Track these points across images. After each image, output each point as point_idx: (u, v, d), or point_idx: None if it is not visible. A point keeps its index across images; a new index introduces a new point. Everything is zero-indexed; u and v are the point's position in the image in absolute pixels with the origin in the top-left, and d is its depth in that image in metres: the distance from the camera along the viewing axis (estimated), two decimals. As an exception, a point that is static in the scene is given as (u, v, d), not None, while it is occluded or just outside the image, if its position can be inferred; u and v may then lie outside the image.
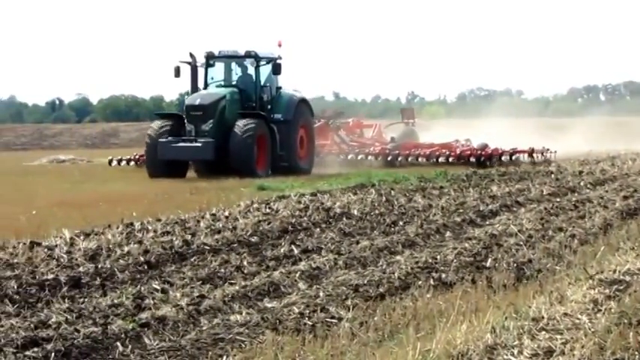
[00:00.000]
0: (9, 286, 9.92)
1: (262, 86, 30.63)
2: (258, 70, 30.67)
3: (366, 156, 34.27)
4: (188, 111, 29.25)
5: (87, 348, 7.63)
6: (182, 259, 11.90)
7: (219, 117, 29.08)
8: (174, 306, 9.03)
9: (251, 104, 30.21)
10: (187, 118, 29.18)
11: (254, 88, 30.45)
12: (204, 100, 29.37)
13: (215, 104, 29.25)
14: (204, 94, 29.94)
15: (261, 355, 7.37)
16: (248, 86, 30.58)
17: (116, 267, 11.10)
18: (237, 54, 30.87)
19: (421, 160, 33.41)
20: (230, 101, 29.68)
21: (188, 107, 29.39)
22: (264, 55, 30.72)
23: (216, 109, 29.15)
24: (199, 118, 28.95)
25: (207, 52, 30.77)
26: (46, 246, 12.52)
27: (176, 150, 28.76)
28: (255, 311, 9.02)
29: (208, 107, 29.08)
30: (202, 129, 28.85)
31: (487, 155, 33.09)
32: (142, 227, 14.43)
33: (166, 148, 28.76)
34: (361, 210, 17.01)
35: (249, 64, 30.82)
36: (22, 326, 8.14)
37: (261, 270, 11.17)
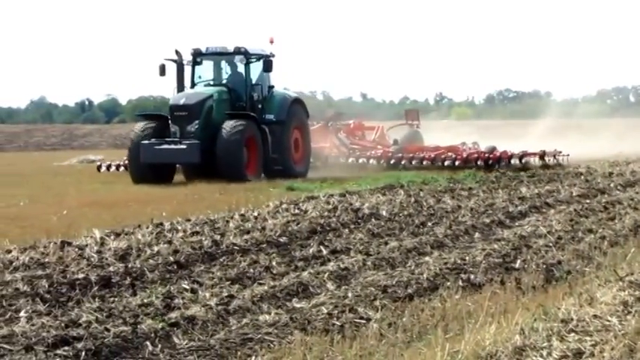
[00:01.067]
0: (40, 285, 9.99)
1: (253, 85, 28.80)
2: (249, 68, 28.83)
3: (368, 159, 32.77)
4: (172, 111, 27.46)
5: (117, 347, 7.68)
6: (211, 259, 11.94)
7: (205, 118, 27.34)
8: (203, 306, 9.07)
9: (241, 104, 28.46)
10: (172, 119, 27.38)
11: (244, 87, 28.71)
12: (189, 99, 27.54)
13: (201, 104, 27.46)
14: (190, 93, 28.17)
15: (290, 355, 7.39)
16: (238, 85, 28.82)
17: (146, 267, 11.15)
18: (226, 50, 28.92)
19: (426, 164, 31.55)
20: (218, 101, 27.93)
21: (172, 107, 27.56)
22: (254, 52, 28.83)
23: (203, 110, 27.39)
24: (184, 119, 27.20)
25: (193, 48, 28.92)
26: (77, 245, 12.60)
27: (159, 153, 26.80)
28: (283, 311, 9.05)
29: (193, 107, 27.29)
30: (187, 130, 27.09)
31: (495, 158, 31.33)
32: (171, 227, 14.49)
33: (149, 150, 26.84)
34: (390, 211, 17.00)
35: (238, 62, 28.98)
36: (52, 325, 8.19)
37: (289, 270, 11.20)
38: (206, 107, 27.41)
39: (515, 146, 33.08)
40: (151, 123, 27.67)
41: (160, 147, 26.77)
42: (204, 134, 26.91)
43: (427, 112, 56.35)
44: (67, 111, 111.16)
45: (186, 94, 27.99)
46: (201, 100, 27.47)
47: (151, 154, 26.76)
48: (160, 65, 28.63)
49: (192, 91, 28.28)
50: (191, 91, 28.28)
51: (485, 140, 35.73)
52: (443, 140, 35.13)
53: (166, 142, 26.88)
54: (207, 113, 27.35)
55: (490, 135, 38.27)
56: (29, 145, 73.19)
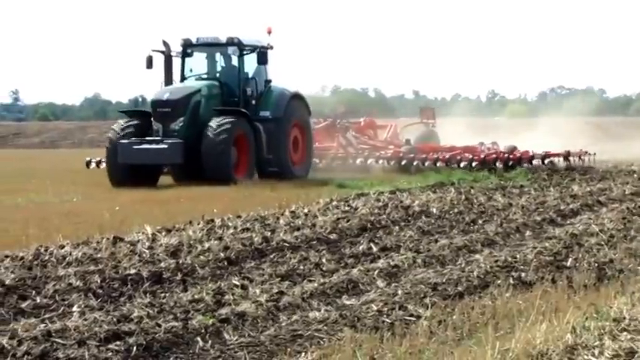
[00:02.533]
0: (93, 280, 10.09)
1: (247, 79, 26.58)
2: (242, 60, 26.59)
3: (377, 160, 29.85)
4: (155, 108, 25.18)
5: (168, 342, 7.73)
6: (261, 256, 11.98)
7: (191, 114, 25.03)
8: (253, 302, 9.11)
9: (234, 100, 26.30)
10: (154, 116, 25.06)
11: (237, 81, 26.48)
12: (173, 94, 25.24)
13: (186, 99, 25.17)
14: (175, 87, 25.95)
15: (340, 352, 7.40)
16: (231, 79, 26.58)
17: (197, 263, 11.22)
18: (217, 41, 26.65)
19: (440, 165, 28.82)
20: (207, 96, 25.66)
21: (154, 103, 25.31)
22: (248, 43, 26.59)
23: (188, 106, 25.10)
24: (167, 116, 24.89)
25: (183, 39, 26.74)
26: (129, 241, 12.71)
27: (138, 153, 24.36)
28: (333, 308, 9.06)
29: (178, 103, 24.98)
30: (171, 128, 24.80)
31: (515, 159, 29.27)
32: (222, 224, 14.57)
33: (127, 150, 24.46)
34: (440, 208, 16.97)
35: (232, 54, 26.67)
36: (105, 320, 8.27)
37: (339, 267, 11.21)
38: (192, 103, 25.25)
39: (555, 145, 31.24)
40: (133, 120, 25.43)
41: (139, 147, 24.43)
42: (190, 133, 24.76)
43: (479, 110, 55.98)
44: (120, 108, 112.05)
45: (171, 88, 25.93)
46: (186, 95, 25.31)
47: (129, 155, 24.43)
48: (147, 57, 26.48)
49: (177, 86, 26.19)
50: (176, 86, 26.19)
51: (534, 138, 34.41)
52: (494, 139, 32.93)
53: (146, 141, 24.59)
54: (194, 110, 25.21)
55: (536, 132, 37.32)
56: (83, 141, 73.81)
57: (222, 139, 24.41)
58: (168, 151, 24.35)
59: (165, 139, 24.53)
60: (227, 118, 24.89)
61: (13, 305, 9.02)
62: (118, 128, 25.19)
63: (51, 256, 11.56)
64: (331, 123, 32.46)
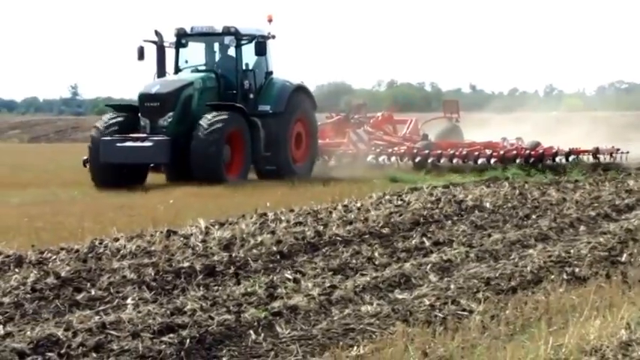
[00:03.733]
0: (146, 272, 10.18)
1: (245, 71, 24.73)
2: (240, 51, 24.71)
3: (389, 157, 27.78)
4: (142, 102, 23.37)
5: (220, 335, 7.77)
6: (314, 250, 12.01)
7: (182, 109, 23.25)
8: (305, 295, 9.13)
9: (232, 93, 24.41)
10: (141, 111, 23.22)
11: (235, 74, 24.65)
12: (162, 87, 23.45)
13: (176, 93, 23.30)
14: (164, 80, 24.15)
15: (392, 346, 7.40)
16: (228, 71, 24.73)
17: (249, 256, 11.27)
18: (213, 31, 24.83)
19: (456, 163, 26.70)
20: (201, 90, 23.84)
21: (142, 97, 23.46)
22: (246, 32, 24.74)
23: (179, 100, 23.23)
24: (155, 111, 23.03)
25: (177, 28, 24.92)
26: (183, 234, 12.80)
27: (121, 151, 22.44)
28: (385, 302, 9.05)
29: (167, 97, 23.13)
30: (159, 125, 22.92)
31: (537, 156, 26.69)
32: (275, 217, 14.62)
33: (109, 148, 22.56)
34: (494, 203, 16.89)
35: (229, 44, 24.94)
36: (158, 312, 8.33)
37: (392, 261, 11.20)
38: (183, 97, 23.38)
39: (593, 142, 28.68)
40: (120, 115, 23.58)
41: (122, 144, 22.51)
42: (180, 129, 22.90)
43: (537, 104, 55.48)
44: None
45: (161, 81, 24.14)
46: (176, 89, 23.43)
47: (112, 153, 22.52)
48: (138, 48, 24.58)
49: (167, 78, 24.36)
50: (166, 78, 24.37)
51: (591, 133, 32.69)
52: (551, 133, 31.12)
53: (131, 138, 22.67)
54: (185, 104, 23.36)
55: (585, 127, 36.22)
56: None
57: (213, 140, 22.53)
58: (154, 150, 22.43)
59: (150, 137, 22.63)
60: (219, 115, 22.97)
61: (69, 297, 9.12)
62: (101, 124, 23.40)
63: (105, 248, 11.68)
64: (344, 118, 30.49)
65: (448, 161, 26.79)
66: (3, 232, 13.65)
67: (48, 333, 7.48)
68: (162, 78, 24.41)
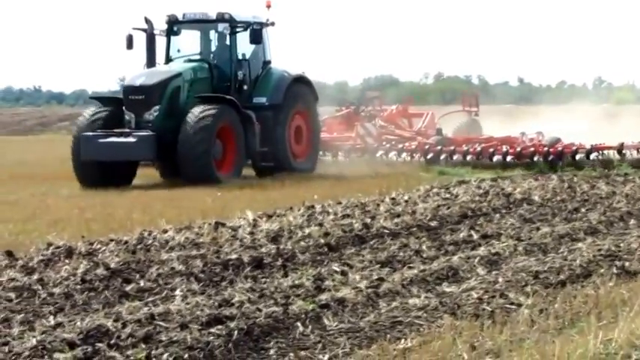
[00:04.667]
0: (195, 264, 10.23)
1: (239, 60, 23.15)
2: (234, 39, 23.12)
3: (399, 153, 26.18)
4: (126, 94, 21.82)
5: (268, 327, 7.79)
6: (362, 242, 12.00)
7: (169, 103, 21.68)
8: (353, 288, 9.13)
9: (226, 85, 22.89)
10: (126, 105, 21.68)
11: (229, 64, 23.08)
12: (148, 79, 21.85)
13: (163, 85, 21.76)
14: (151, 71, 22.51)
15: (439, 339, 7.38)
16: (223, 61, 23.18)
17: (297, 248, 11.29)
18: (206, 17, 23.28)
19: (470, 159, 25.01)
20: (190, 81, 22.25)
21: (126, 89, 21.98)
22: (241, 19, 23.19)
23: (165, 92, 21.71)
24: (141, 105, 21.52)
25: (168, 15, 23.36)
26: (231, 226, 12.86)
27: (103, 147, 20.94)
28: (433, 295, 9.04)
29: (153, 89, 21.61)
30: (144, 119, 21.43)
31: (556, 153, 24.50)
32: (322, 210, 14.65)
33: (90, 144, 21.09)
34: (542, 196, 16.79)
35: (224, 32, 23.23)
36: (206, 304, 8.37)
37: (440, 254, 11.17)
38: (170, 89, 21.84)
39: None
40: (105, 109, 21.98)
41: (104, 140, 21.05)
42: (168, 124, 21.41)
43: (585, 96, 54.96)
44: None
45: (147, 72, 22.50)
46: (163, 81, 21.86)
47: (93, 149, 21.02)
48: (127, 36, 23.01)
49: (154, 69, 22.71)
50: (153, 69, 22.73)
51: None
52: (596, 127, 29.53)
53: (114, 133, 21.18)
54: (173, 97, 21.81)
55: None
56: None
57: (201, 135, 21.04)
58: (137, 146, 20.93)
59: (134, 132, 21.17)
60: (208, 109, 21.37)
61: (118, 288, 9.19)
62: (84, 118, 21.90)
63: (154, 240, 11.76)
64: (354, 110, 28.86)
65: (462, 158, 25.19)
66: (53, 224, 13.82)
67: (97, 324, 7.54)
68: (148, 69, 22.80)
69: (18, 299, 8.70)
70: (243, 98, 22.63)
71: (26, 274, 9.74)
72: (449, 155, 25.29)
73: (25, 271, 9.95)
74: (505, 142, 25.85)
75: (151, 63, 22.98)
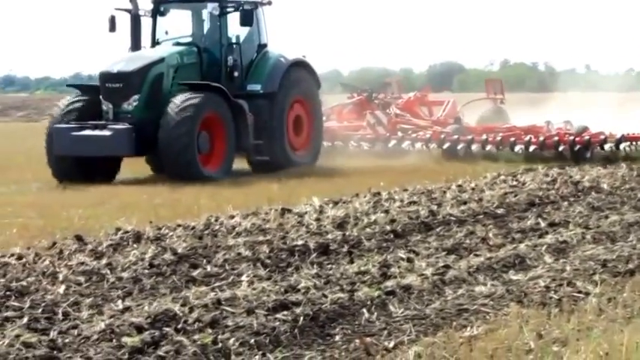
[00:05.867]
0: (261, 250, 10.29)
1: (229, 44, 20.84)
2: (225, 21, 20.79)
3: (413, 143, 24.01)
4: (103, 82, 19.68)
5: (334, 313, 7.81)
6: (427, 229, 11.98)
7: (150, 91, 19.56)
8: (419, 275, 9.12)
9: (217, 71, 20.67)
10: (103, 94, 19.57)
11: (219, 47, 20.78)
12: (126, 65, 19.78)
13: (143, 72, 19.63)
14: (130, 56, 20.35)
15: (506, 327, 7.35)
16: (214, 44, 20.87)
17: (363, 235, 11.30)
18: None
19: (490, 149, 23.01)
20: (175, 67, 20.11)
21: (103, 76, 19.79)
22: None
23: (146, 79, 19.58)
24: (119, 93, 19.48)
25: None
26: (297, 213, 12.90)
27: (76, 142, 19.03)
28: (499, 283, 8.99)
29: (131, 76, 19.53)
30: (123, 109, 19.43)
31: (582, 143, 22.41)
32: (388, 197, 14.64)
33: (63, 138, 19.17)
34: (611, 184, 16.62)
35: (212, 12, 20.90)
36: (272, 290, 8.41)
37: (506, 242, 11.11)
38: (152, 76, 19.69)
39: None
40: (82, 98, 19.92)
41: (77, 133, 19.11)
42: (149, 114, 19.32)
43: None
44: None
45: (126, 57, 20.37)
46: (143, 67, 19.72)
47: (65, 144, 19.08)
48: (110, 17, 20.88)
49: (134, 54, 20.55)
50: (133, 54, 20.57)
51: None
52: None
53: (89, 126, 19.20)
54: (154, 85, 19.66)
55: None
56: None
57: (183, 127, 18.91)
58: (113, 140, 19.01)
59: (110, 124, 19.21)
60: (191, 98, 19.21)
61: (185, 273, 9.27)
62: (62, 106, 19.84)
63: (221, 225, 11.85)
64: (366, 98, 26.88)
65: (481, 148, 23.18)
66: (122, 209, 13.98)
67: (165, 308, 7.61)
68: (127, 54, 20.63)
69: (87, 283, 8.82)
70: (235, 86, 20.51)
71: (95, 259, 9.87)
72: (467, 145, 23.26)
73: (94, 255, 10.08)
74: (529, 132, 23.72)
75: (136, 47, 20.83)
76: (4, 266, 9.47)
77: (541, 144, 22.67)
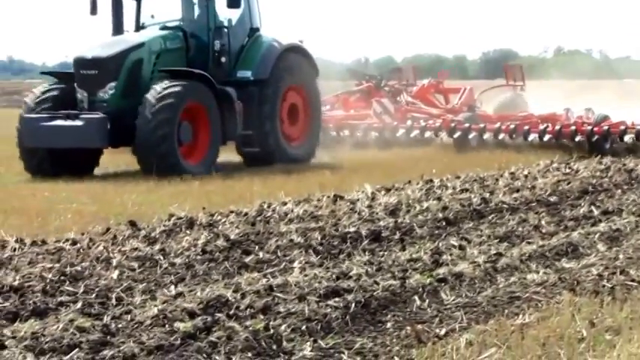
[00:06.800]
0: (313, 237, 10.31)
1: (217, 28, 19.41)
2: (212, 3, 19.50)
3: (422, 132, 22.62)
4: (78, 68, 18.37)
5: (385, 300, 7.82)
6: (480, 217, 11.94)
7: (128, 78, 18.24)
8: (471, 263, 9.10)
9: (205, 57, 19.31)
10: (77, 81, 18.28)
11: (207, 31, 19.42)
12: (103, 50, 18.43)
13: (120, 57, 18.30)
14: (108, 41, 19.04)
15: (558, 315, 7.32)
16: (201, 29, 19.47)
17: (415, 222, 11.29)
18: None
19: (503, 138, 21.79)
20: (157, 52, 18.76)
21: (77, 63, 18.45)
22: None
23: (123, 66, 18.25)
24: (94, 81, 18.15)
25: None
26: (349, 199, 12.92)
27: (45, 132, 17.70)
28: (552, 271, 8.95)
29: (108, 62, 18.20)
30: (98, 97, 18.12)
31: (600, 133, 20.94)
32: (441, 184, 14.62)
33: (32, 128, 17.86)
34: (667, 172, 16.47)
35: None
36: (324, 276, 8.44)
37: (559, 230, 11.05)
38: (130, 62, 18.35)
39: None
40: (58, 86, 18.62)
41: (48, 124, 17.76)
42: (126, 104, 17.97)
43: None
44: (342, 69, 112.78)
45: (103, 42, 19.05)
46: (121, 52, 18.39)
47: (36, 134, 17.80)
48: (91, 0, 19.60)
49: (112, 39, 19.24)
50: (110, 38, 19.30)
51: None
52: None
53: (60, 115, 17.81)
54: (132, 71, 18.34)
55: None
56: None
57: (161, 118, 17.48)
58: (85, 131, 17.59)
59: (83, 114, 17.84)
60: (172, 86, 17.81)
61: (237, 259, 9.32)
62: (32, 97, 18.49)
63: (273, 212, 11.89)
64: (375, 85, 25.76)
65: (493, 137, 21.88)
66: (175, 195, 14.08)
67: (217, 294, 7.66)
68: (109, 38, 19.40)
69: (140, 269, 8.89)
70: (223, 72, 19.19)
71: (148, 244, 9.95)
72: (479, 134, 22.00)
73: (148, 241, 10.16)
74: (546, 120, 22.51)
75: (118, 30, 19.49)
76: (59, 251, 9.58)
77: (557, 133, 21.37)
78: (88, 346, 6.38)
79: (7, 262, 9.05)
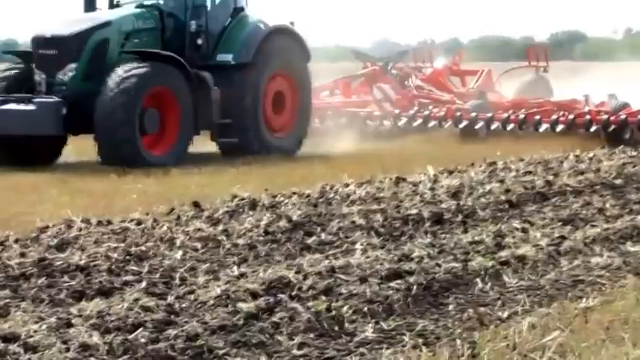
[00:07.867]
0: (375, 219, 10.32)
1: (195, 7, 17.64)
2: None
3: (425, 121, 20.57)
4: (36, 48, 16.89)
5: (447, 283, 7.81)
6: (543, 200, 11.86)
7: (90, 59, 16.65)
8: (534, 246, 9.05)
9: (181, 38, 17.57)
10: (35, 62, 16.81)
11: (184, 11, 17.66)
12: (64, 28, 16.88)
13: (83, 37, 16.69)
14: (69, 19, 17.56)
15: (622, 299, 7.26)
16: (179, 7, 17.74)
17: (477, 205, 11.24)
18: None
19: (513, 128, 19.86)
20: (126, 32, 17.14)
21: (36, 42, 16.97)
22: None
23: (86, 46, 16.64)
24: (53, 62, 16.65)
25: None
26: (411, 182, 12.90)
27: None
28: (616, 255, 8.87)
29: (68, 42, 16.65)
30: (57, 80, 16.56)
31: (617, 122, 19.06)
32: (504, 166, 14.54)
33: None
34: None
35: None
36: (386, 258, 8.44)
37: (624, 213, 10.94)
38: (93, 42, 16.74)
39: None
40: (18, 66, 17.37)
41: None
42: (87, 87, 16.45)
43: None
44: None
45: (66, 19, 17.65)
46: (84, 31, 16.78)
47: None
48: None
49: (75, 17, 17.75)
50: (73, 17, 17.80)
51: None
52: None
53: (13, 99, 16.32)
54: (97, 52, 16.72)
55: None
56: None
57: (120, 102, 15.93)
58: (38, 116, 16.02)
59: (37, 97, 16.28)
60: (135, 68, 16.30)
61: (300, 241, 9.36)
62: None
63: (335, 194, 11.91)
64: (382, 68, 23.59)
65: (501, 127, 19.95)
66: (237, 177, 14.17)
67: (279, 275, 7.69)
68: (72, 16, 18.06)
69: (203, 249, 8.96)
70: (200, 55, 17.60)
71: (211, 225, 10.02)
72: (485, 124, 20.00)
73: (211, 221, 10.24)
74: (562, 108, 20.60)
75: (91, 7, 17.96)
76: (124, 231, 9.69)
77: (570, 123, 19.44)
78: (152, 325, 6.45)
79: (73, 241, 9.18)
